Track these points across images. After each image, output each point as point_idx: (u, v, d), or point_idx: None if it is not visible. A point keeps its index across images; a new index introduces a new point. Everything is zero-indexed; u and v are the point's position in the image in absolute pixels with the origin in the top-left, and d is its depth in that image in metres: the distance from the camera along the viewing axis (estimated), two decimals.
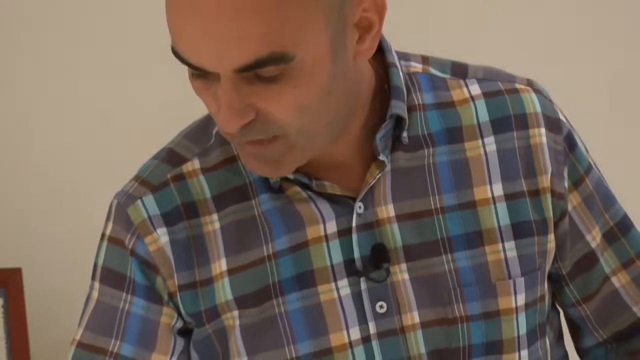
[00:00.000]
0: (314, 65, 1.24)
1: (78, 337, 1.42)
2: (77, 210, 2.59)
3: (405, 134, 1.37)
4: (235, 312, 1.38)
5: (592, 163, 1.47)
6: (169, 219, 1.40)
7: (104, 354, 1.41)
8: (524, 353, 1.42)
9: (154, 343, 1.41)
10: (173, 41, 1.24)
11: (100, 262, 1.42)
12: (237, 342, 1.40)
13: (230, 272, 1.39)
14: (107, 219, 1.42)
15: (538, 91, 1.44)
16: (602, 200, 1.49)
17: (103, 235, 1.43)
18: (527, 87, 1.43)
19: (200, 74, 1.24)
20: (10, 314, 2.28)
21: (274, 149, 1.28)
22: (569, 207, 1.44)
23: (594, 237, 1.47)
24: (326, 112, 1.29)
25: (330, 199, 1.37)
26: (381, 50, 1.39)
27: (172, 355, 1.42)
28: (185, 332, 1.43)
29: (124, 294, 1.41)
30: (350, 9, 1.25)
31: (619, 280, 1.51)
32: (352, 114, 1.35)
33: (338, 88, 1.28)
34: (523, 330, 1.42)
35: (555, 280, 1.48)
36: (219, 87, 1.23)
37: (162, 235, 1.39)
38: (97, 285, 1.43)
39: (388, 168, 1.38)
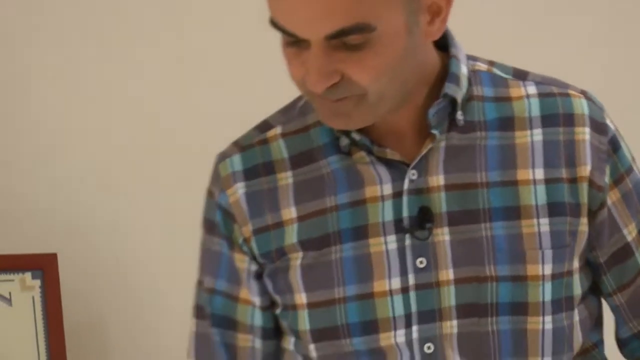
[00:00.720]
0: (392, 37, 1.37)
1: (198, 277, 1.62)
2: (110, 198, 2.64)
3: (461, 117, 1.49)
4: (299, 254, 1.51)
5: (633, 166, 1.57)
6: (250, 174, 1.54)
7: (208, 290, 1.59)
8: (548, 319, 1.51)
9: (239, 279, 1.56)
10: (272, 12, 1.38)
11: (203, 212, 1.60)
12: (297, 279, 1.52)
13: (299, 219, 1.52)
14: (210, 175, 1.62)
15: (589, 99, 1.55)
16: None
17: (206, 188, 1.63)
18: (580, 94, 1.55)
19: (292, 42, 1.37)
20: (47, 295, 2.38)
21: (349, 104, 1.42)
22: (609, 202, 1.54)
23: (630, 232, 1.56)
24: (398, 78, 1.42)
25: (388, 164, 1.49)
26: (447, 45, 1.52)
27: (253, 293, 1.58)
28: (258, 276, 1.57)
29: (216, 238, 1.57)
30: None
31: None
32: (415, 88, 1.47)
33: (409, 60, 1.42)
34: (548, 297, 1.50)
35: (594, 268, 1.57)
36: (310, 53, 1.37)
37: (239, 189, 1.54)
38: (202, 233, 1.61)
39: (443, 144, 1.50)
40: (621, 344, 1.64)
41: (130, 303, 2.67)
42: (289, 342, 1.60)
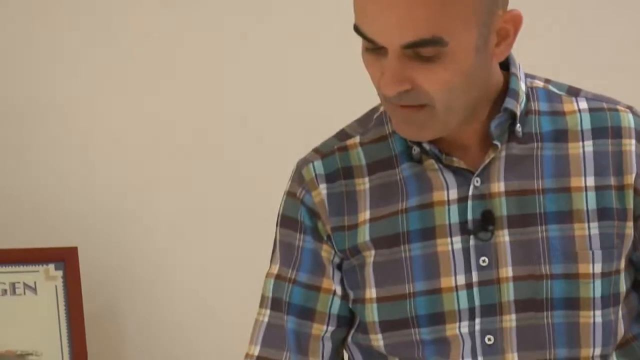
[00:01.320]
0: (462, 54, 1.46)
1: (272, 270, 1.68)
2: (126, 197, 2.72)
3: (519, 129, 1.58)
4: (372, 252, 1.60)
5: None
6: (330, 178, 1.63)
7: (285, 281, 1.66)
8: (598, 313, 1.59)
9: (322, 271, 1.64)
10: (357, 20, 1.48)
11: (281, 211, 1.68)
12: (369, 275, 1.61)
13: (372, 220, 1.61)
14: (290, 179, 1.69)
15: (635, 113, 1.63)
16: None
17: (285, 191, 1.68)
18: (626, 109, 1.63)
19: (372, 48, 1.47)
20: (68, 284, 2.46)
21: (421, 115, 1.50)
22: None
23: None
24: (464, 93, 1.51)
25: (455, 171, 1.58)
26: (508, 65, 1.60)
27: (334, 281, 1.66)
28: (340, 267, 1.65)
29: (297, 234, 1.65)
30: (495, 19, 1.48)
31: None
32: (480, 104, 1.56)
33: (476, 77, 1.51)
34: (598, 294, 1.58)
35: (637, 267, 1.65)
36: (386, 60, 1.45)
37: (322, 190, 1.63)
38: (279, 229, 1.68)
39: (503, 154, 1.59)
40: None
41: (143, 291, 2.72)
42: (349, 335, 1.69)
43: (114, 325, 2.74)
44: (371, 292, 1.60)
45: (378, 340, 1.61)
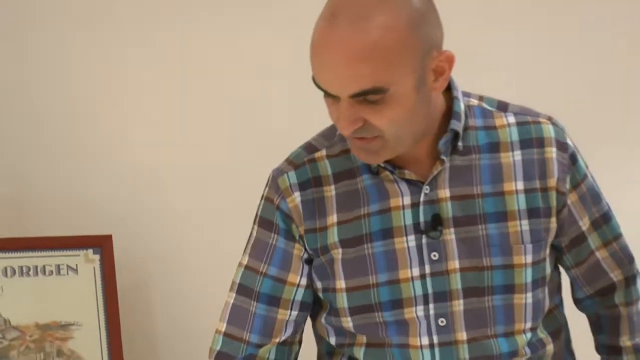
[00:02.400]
0: (403, 95, 1.55)
1: (244, 262, 1.76)
2: (156, 191, 2.86)
3: (460, 144, 1.67)
4: (340, 250, 1.70)
5: (587, 174, 1.76)
6: (303, 186, 1.72)
7: (257, 273, 1.75)
8: (529, 295, 1.70)
9: (289, 266, 1.73)
10: (313, 73, 1.57)
11: (259, 212, 1.76)
12: (338, 269, 1.70)
13: (339, 223, 1.70)
14: (266, 186, 1.76)
15: (554, 124, 1.73)
16: (592, 199, 1.77)
17: (263, 195, 1.76)
18: (547, 121, 1.73)
19: (329, 95, 1.57)
20: (104, 266, 2.61)
21: (374, 145, 1.59)
22: (569, 202, 1.73)
23: (585, 223, 1.76)
24: (410, 125, 1.60)
25: (408, 182, 1.68)
26: (450, 88, 1.68)
27: (301, 275, 1.74)
28: (309, 262, 1.74)
29: (272, 234, 1.74)
30: (430, 60, 1.57)
31: (600, 254, 1.79)
32: (427, 129, 1.65)
33: (418, 110, 1.59)
34: (529, 279, 1.69)
35: (558, 250, 1.77)
36: (340, 105, 1.55)
37: (296, 197, 1.72)
38: (256, 227, 1.76)
39: (447, 165, 1.68)
40: (577, 302, 1.86)
41: (169, 272, 2.85)
42: (322, 317, 1.78)
43: (143, 300, 2.86)
44: (341, 283, 1.71)
45: (348, 322, 1.72)
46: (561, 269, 1.83)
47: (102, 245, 2.61)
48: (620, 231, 1.81)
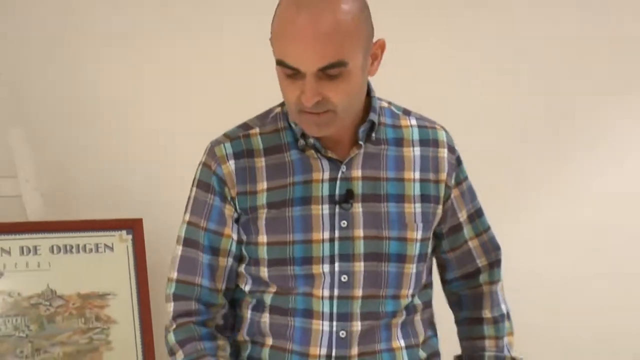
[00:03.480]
0: (356, 72, 1.65)
1: (187, 219, 1.81)
2: (184, 178, 2.48)
3: (373, 135, 1.77)
4: (265, 210, 1.77)
5: (467, 176, 1.90)
6: (237, 156, 1.77)
7: (199, 228, 1.80)
8: (414, 266, 1.82)
9: (224, 222, 1.80)
10: (279, 56, 1.63)
11: (197, 176, 1.81)
12: (262, 226, 1.77)
13: (268, 189, 1.76)
14: (204, 153, 1.81)
15: (446, 131, 1.86)
16: (470, 196, 1.91)
17: (200, 162, 1.80)
18: (441, 128, 1.86)
19: (291, 75, 1.63)
20: (136, 245, 2.69)
21: (325, 118, 1.67)
22: (452, 195, 1.87)
23: (462, 215, 1.90)
24: (356, 100, 1.71)
25: (329, 160, 1.76)
26: (369, 89, 1.77)
27: (232, 230, 1.79)
28: (237, 221, 1.80)
29: (209, 195, 1.79)
30: (371, 45, 1.68)
31: (472, 243, 1.93)
32: (355, 114, 1.73)
33: (362, 89, 1.70)
34: (417, 252, 1.81)
35: (438, 237, 1.90)
36: (305, 82, 1.62)
37: (231, 164, 1.77)
38: (195, 189, 1.81)
39: (362, 151, 1.77)
40: (445, 283, 1.98)
41: None
42: (241, 267, 1.84)
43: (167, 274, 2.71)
44: (263, 238, 1.77)
45: (264, 272, 1.79)
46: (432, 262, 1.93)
47: (133, 227, 2.69)
48: (489, 225, 1.93)
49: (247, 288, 1.84)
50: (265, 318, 1.82)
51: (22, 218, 2.70)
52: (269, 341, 1.82)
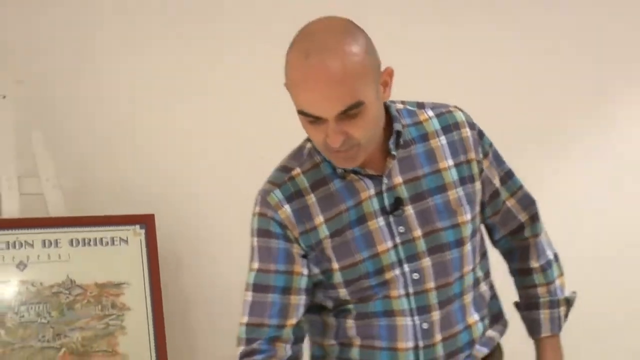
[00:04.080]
0: (371, 106, 1.66)
1: (255, 267, 1.80)
2: (193, 178, 2.99)
3: (401, 140, 1.78)
4: (329, 240, 1.78)
5: (490, 142, 1.89)
6: (289, 199, 1.79)
7: (268, 272, 1.80)
8: (470, 244, 1.84)
9: (293, 261, 1.80)
10: (300, 106, 1.64)
11: (256, 226, 1.80)
12: (331, 254, 1.79)
13: (325, 221, 1.78)
14: (256, 204, 1.80)
15: (461, 110, 1.86)
16: (497, 161, 1.91)
17: (255, 213, 1.80)
18: (456, 109, 1.86)
19: (313, 121, 1.64)
20: (149, 239, 2.75)
21: (353, 152, 1.69)
22: (484, 166, 1.87)
23: (496, 181, 1.91)
24: (376, 129, 1.71)
25: (370, 177, 1.78)
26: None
27: (302, 266, 1.80)
28: (304, 257, 1.80)
29: (272, 240, 1.80)
30: (379, 76, 1.67)
31: (510, 202, 1.95)
32: (380, 132, 1.74)
33: (379, 116, 1.71)
34: (470, 232, 1.84)
35: (481, 205, 1.90)
36: (327, 126, 1.63)
37: (287, 209, 1.79)
38: (256, 238, 1.81)
39: (395, 159, 1.77)
40: (495, 242, 2.02)
41: (200, 243, 3.00)
42: (319, 294, 1.85)
43: (178, 265, 3.00)
44: (335, 265, 1.80)
45: (344, 292, 1.83)
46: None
47: (146, 222, 2.76)
48: (521, 183, 1.96)
49: (329, 304, 1.87)
50: (351, 323, 1.86)
51: (44, 214, 2.75)
52: (358, 341, 1.86)
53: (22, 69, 2.84)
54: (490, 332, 1.93)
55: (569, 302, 2.02)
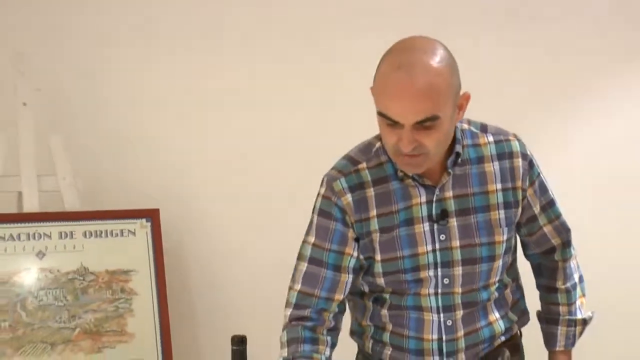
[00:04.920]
0: (446, 122, 1.74)
1: (311, 241, 1.91)
2: (195, 175, 3.09)
3: (459, 159, 1.88)
4: (378, 234, 1.89)
5: (540, 173, 1.97)
6: (352, 189, 1.89)
7: (323, 249, 1.91)
8: (501, 260, 1.94)
9: (346, 243, 1.92)
10: (380, 109, 1.72)
11: (318, 205, 1.91)
12: (377, 247, 1.90)
13: (378, 216, 1.89)
14: (322, 186, 1.90)
15: (519, 140, 1.94)
16: (541, 191, 1.99)
17: (319, 194, 1.91)
18: (514, 138, 1.94)
19: (391, 124, 1.72)
20: (154, 231, 2.86)
21: (419, 160, 1.77)
22: (527, 194, 1.96)
23: (537, 208, 2.00)
24: (445, 144, 1.81)
25: (425, 186, 1.87)
26: None
27: (353, 249, 1.91)
28: (357, 240, 1.91)
29: (331, 222, 1.91)
30: (458, 98, 1.76)
31: (546, 228, 2.04)
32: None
33: (450, 135, 1.81)
34: (502, 251, 1.94)
35: (517, 225, 2.01)
36: (403, 131, 1.71)
37: (348, 197, 1.89)
38: (316, 216, 1.92)
39: (451, 175, 1.88)
40: (527, 256, 2.12)
41: (202, 235, 3.11)
42: (359, 277, 1.97)
43: (181, 255, 3.13)
44: (378, 257, 1.93)
45: (381, 281, 1.95)
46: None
47: (152, 216, 2.90)
48: (561, 212, 2.06)
49: (366, 289, 2.00)
50: (385, 311, 1.99)
51: (60, 208, 2.89)
52: (389, 327, 1.99)
53: (39, 77, 2.90)
54: (509, 322, 2.03)
55: (585, 322, 2.10)
